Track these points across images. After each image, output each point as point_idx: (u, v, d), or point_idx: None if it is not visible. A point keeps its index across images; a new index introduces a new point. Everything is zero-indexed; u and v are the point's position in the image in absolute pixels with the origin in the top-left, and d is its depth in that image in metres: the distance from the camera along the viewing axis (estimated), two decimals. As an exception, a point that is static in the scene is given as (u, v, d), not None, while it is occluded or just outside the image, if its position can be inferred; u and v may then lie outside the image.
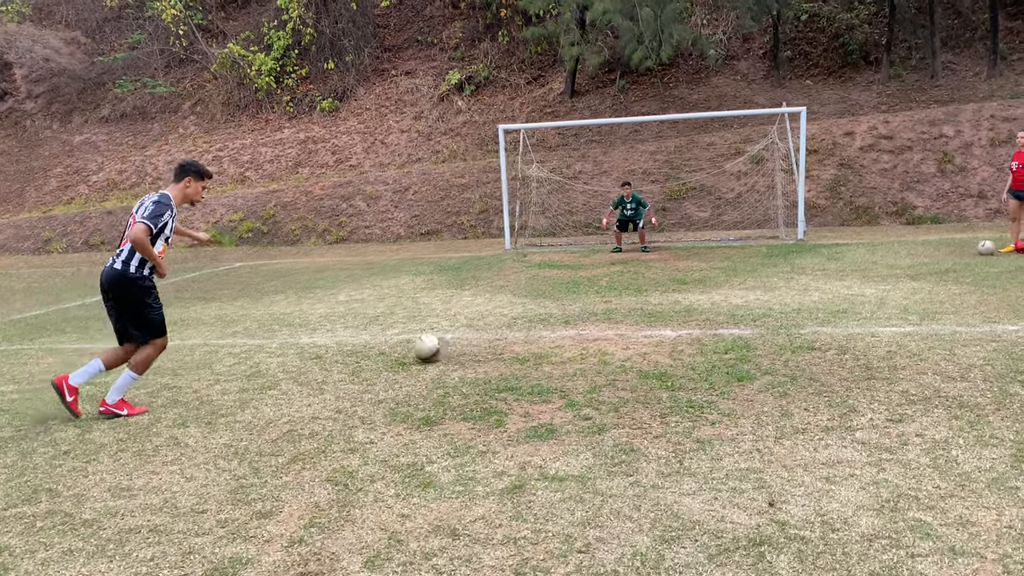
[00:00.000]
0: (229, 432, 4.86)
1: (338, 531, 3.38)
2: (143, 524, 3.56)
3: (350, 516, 3.53)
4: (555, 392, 5.39)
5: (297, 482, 3.97)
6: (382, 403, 5.31)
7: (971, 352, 5.89)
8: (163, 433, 4.92)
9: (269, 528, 3.45)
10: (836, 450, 4.05)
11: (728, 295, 9.04)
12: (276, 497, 3.79)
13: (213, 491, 3.91)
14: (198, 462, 4.35)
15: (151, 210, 5.17)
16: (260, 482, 4.00)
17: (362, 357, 6.81)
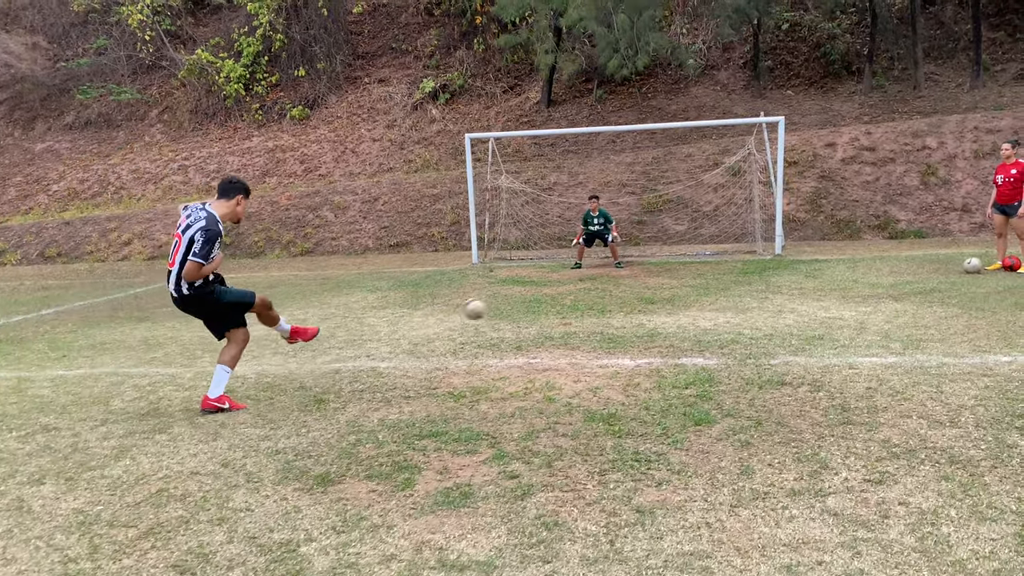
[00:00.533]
0: (88, 492, 4.08)
1: (159, 647, 2.62)
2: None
3: (183, 623, 2.77)
4: (485, 438, 4.64)
5: (136, 568, 3.20)
6: (279, 453, 4.55)
7: (961, 389, 5.20)
8: (10, 492, 4.14)
9: (73, 642, 2.68)
10: (803, 524, 3.32)
11: (697, 317, 8.33)
12: (102, 591, 3.02)
13: (29, 581, 3.14)
14: (31, 536, 3.57)
15: (201, 244, 5.16)
16: (92, 567, 3.23)
17: (278, 392, 6.04)
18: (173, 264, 5.33)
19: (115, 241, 21.83)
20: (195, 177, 25.30)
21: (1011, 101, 20.57)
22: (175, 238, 5.35)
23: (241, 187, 5.53)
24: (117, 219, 22.67)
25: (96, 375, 6.92)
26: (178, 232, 5.33)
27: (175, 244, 5.34)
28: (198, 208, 5.41)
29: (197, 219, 5.26)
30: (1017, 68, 22.43)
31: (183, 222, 5.35)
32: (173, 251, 5.35)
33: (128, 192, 25.29)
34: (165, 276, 5.49)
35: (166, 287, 5.47)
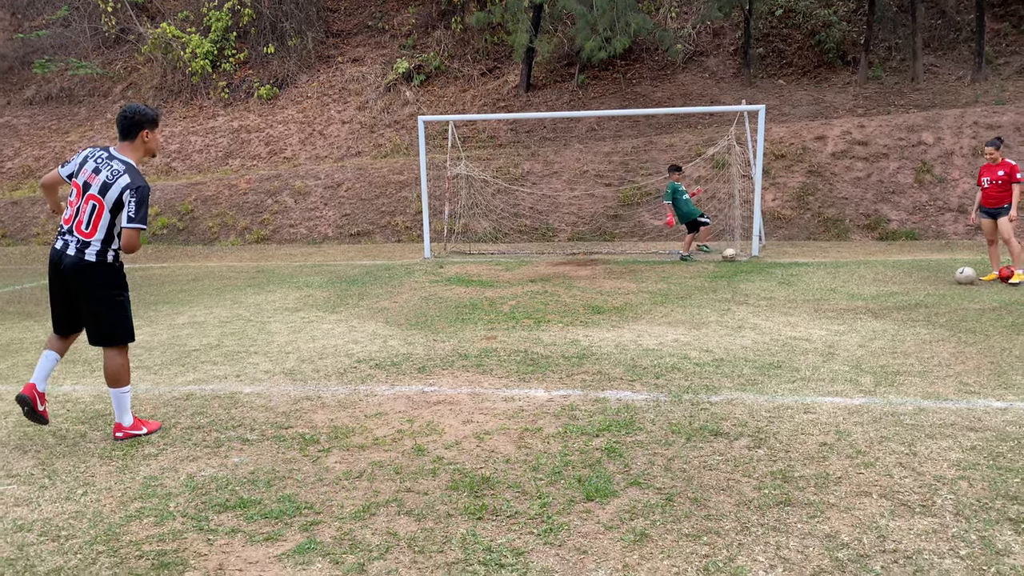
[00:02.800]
0: None
1: None
2: None
3: None
4: (304, 513, 3.49)
5: None
6: (22, 530, 3.38)
7: (939, 451, 4.05)
8: None
9: None
10: None
11: (643, 333, 7.16)
12: None
13: None
14: None
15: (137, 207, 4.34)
16: None
17: (99, 425, 4.86)
18: (91, 233, 4.38)
19: (63, 223, 20.58)
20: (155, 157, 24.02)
21: (1013, 95, 19.40)
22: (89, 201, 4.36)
23: (143, 119, 4.55)
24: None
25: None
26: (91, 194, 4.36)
27: (94, 209, 4.35)
28: (106, 158, 4.45)
29: (115, 175, 4.37)
30: (1021, 61, 21.25)
31: (94, 179, 4.38)
32: (92, 216, 4.36)
33: (84, 171, 24.02)
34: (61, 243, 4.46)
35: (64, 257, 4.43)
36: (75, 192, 4.45)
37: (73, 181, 4.48)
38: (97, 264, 4.43)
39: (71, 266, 4.40)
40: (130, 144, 4.55)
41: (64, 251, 4.42)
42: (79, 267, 4.41)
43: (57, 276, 4.49)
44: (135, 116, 4.53)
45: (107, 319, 4.53)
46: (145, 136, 4.57)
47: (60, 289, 4.53)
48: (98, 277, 4.45)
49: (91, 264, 4.41)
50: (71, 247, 4.41)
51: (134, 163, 4.53)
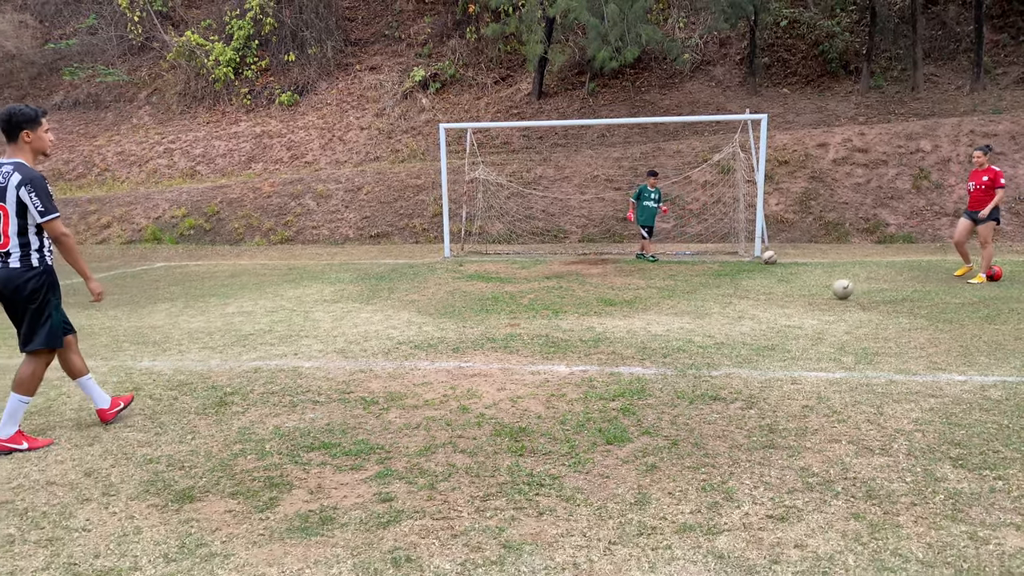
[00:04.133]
0: (-72, 502, 3.75)
1: None
2: None
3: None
4: (376, 452, 4.30)
5: (-72, 598, 2.88)
6: (152, 463, 4.21)
7: (902, 411, 4.84)
8: None
9: None
10: (681, 567, 2.97)
11: (651, 321, 7.96)
12: None
13: None
14: None
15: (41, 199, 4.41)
16: None
17: (186, 390, 5.69)
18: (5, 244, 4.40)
19: (94, 224, 21.51)
20: (180, 161, 24.96)
21: (1011, 105, 20.11)
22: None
23: (21, 119, 4.51)
24: (98, 201, 22.34)
25: (12, 367, 6.59)
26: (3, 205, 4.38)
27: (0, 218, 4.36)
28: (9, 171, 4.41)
29: (6, 178, 4.36)
30: (1019, 71, 21.96)
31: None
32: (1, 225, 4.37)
33: (112, 174, 24.96)
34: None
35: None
36: None
37: None
38: (23, 270, 4.44)
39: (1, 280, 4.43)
40: (15, 146, 4.52)
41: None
42: (8, 278, 4.42)
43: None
44: (12, 118, 4.49)
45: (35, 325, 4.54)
46: (26, 136, 4.51)
47: (5, 305, 4.55)
48: (28, 284, 4.45)
49: (17, 271, 4.43)
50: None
51: (24, 162, 4.48)
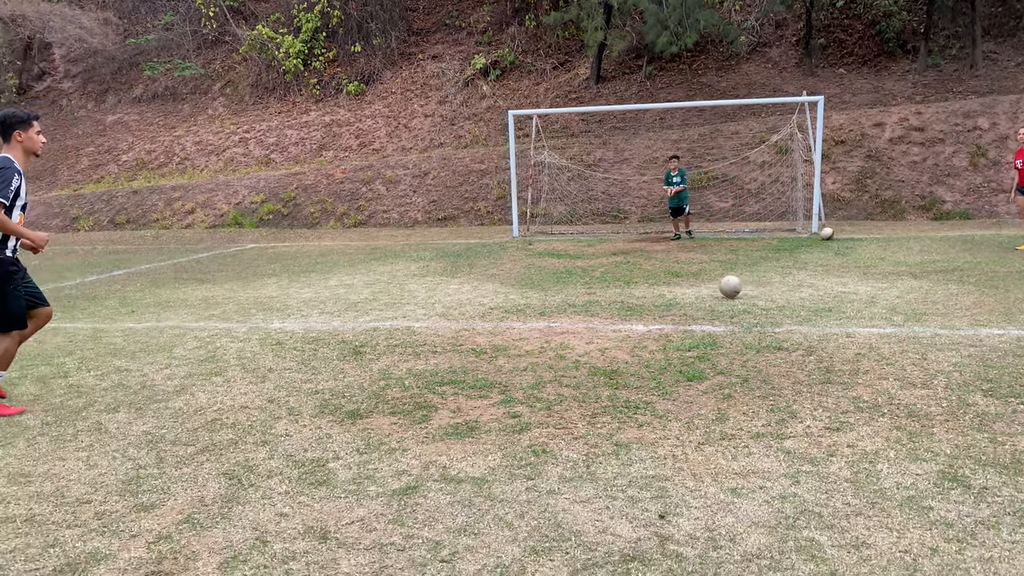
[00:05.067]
0: (154, 419, 4.80)
1: (210, 528, 3.29)
2: (22, 513, 3.50)
3: (229, 513, 3.43)
4: (496, 386, 5.23)
5: (194, 474, 3.88)
6: (316, 395, 5.21)
7: (944, 357, 5.59)
8: (91, 417, 4.88)
9: (143, 523, 3.36)
10: (756, 459, 3.83)
11: (717, 289, 8.76)
12: (166, 489, 3.71)
13: (108, 480, 3.84)
14: (109, 450, 4.29)
15: (2, 184, 4.69)
16: (158, 472, 3.92)
17: (322, 344, 6.72)
18: None
19: (179, 210, 22.95)
20: (255, 149, 26.30)
21: (1071, 81, 20.15)
22: None
23: (12, 123, 4.94)
24: (181, 188, 23.79)
25: (161, 328, 7.71)
26: None
27: None
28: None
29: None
30: (1080, 47, 21.89)
31: None
32: None
33: (192, 163, 26.42)
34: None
35: None
36: None
37: None
38: None
39: None
40: (8, 145, 4.93)
41: None
42: None
43: None
44: (6, 120, 4.91)
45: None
46: (18, 136, 4.92)
47: None
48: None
49: None
50: None
51: (10, 157, 4.86)
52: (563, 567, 2.86)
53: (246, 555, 3.04)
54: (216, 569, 2.94)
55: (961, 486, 3.46)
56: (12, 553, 3.13)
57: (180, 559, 3.03)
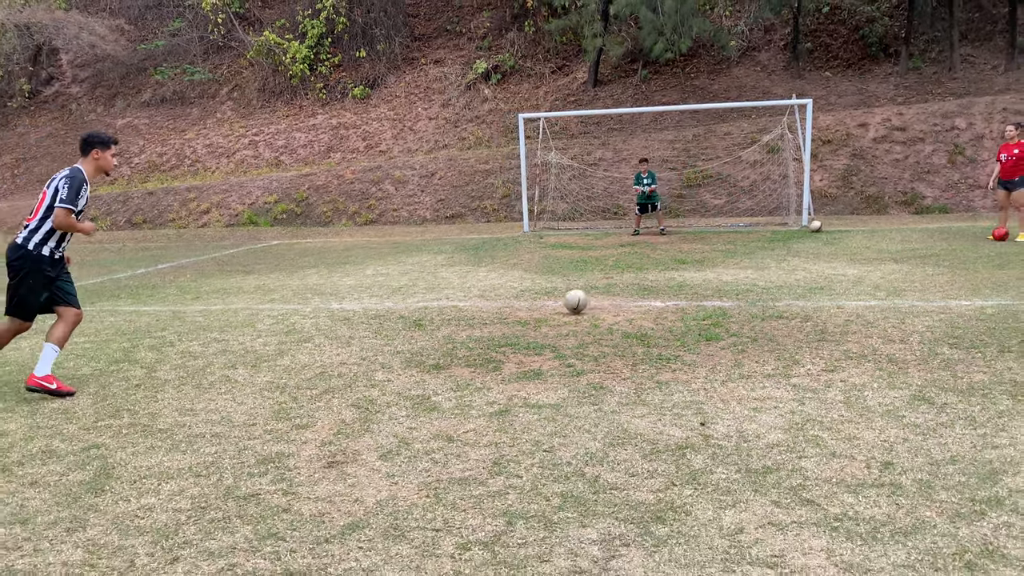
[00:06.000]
0: (271, 373, 5.82)
1: (360, 437, 4.31)
2: (206, 432, 4.52)
3: (369, 428, 4.46)
4: (547, 347, 6.27)
5: (328, 406, 4.91)
6: (399, 354, 6.24)
7: (919, 321, 6.68)
8: (216, 373, 5.89)
9: (306, 435, 4.39)
10: (770, 390, 4.89)
11: (721, 273, 9.84)
12: (311, 415, 4.73)
13: (260, 411, 4.86)
14: (247, 393, 5.30)
15: (67, 191, 5.20)
16: (298, 406, 4.95)
17: (385, 320, 7.74)
18: (32, 218, 5.30)
19: (195, 210, 23.87)
20: (265, 152, 27.24)
21: (1043, 83, 21.39)
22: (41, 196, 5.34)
23: (93, 142, 5.45)
24: (196, 189, 24.71)
25: (233, 309, 8.71)
26: (45, 191, 5.32)
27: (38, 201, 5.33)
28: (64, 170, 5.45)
29: (60, 174, 5.35)
30: (1053, 51, 23.13)
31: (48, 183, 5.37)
32: (36, 205, 5.33)
33: (203, 165, 27.34)
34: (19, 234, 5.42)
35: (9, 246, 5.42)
36: None
37: None
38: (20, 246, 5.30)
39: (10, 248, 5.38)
40: (84, 159, 5.43)
41: None
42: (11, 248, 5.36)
43: None
44: (90, 138, 5.47)
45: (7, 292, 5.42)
46: (95, 154, 5.44)
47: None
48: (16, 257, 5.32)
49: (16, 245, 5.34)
50: None
51: (83, 168, 5.37)
52: (636, 453, 3.91)
53: (396, 450, 4.08)
54: (379, 459, 3.97)
55: (927, 403, 4.53)
56: (217, 454, 4.15)
57: (348, 453, 4.06)
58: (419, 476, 3.75)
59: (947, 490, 3.38)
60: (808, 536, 3.02)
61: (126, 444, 4.36)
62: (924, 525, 3.08)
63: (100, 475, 3.91)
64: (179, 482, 3.79)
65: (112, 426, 4.70)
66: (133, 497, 3.62)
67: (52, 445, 4.38)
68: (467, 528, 3.18)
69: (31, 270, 5.28)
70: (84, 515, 3.45)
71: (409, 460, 3.95)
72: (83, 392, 5.48)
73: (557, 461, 3.85)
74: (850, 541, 2.97)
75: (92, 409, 5.06)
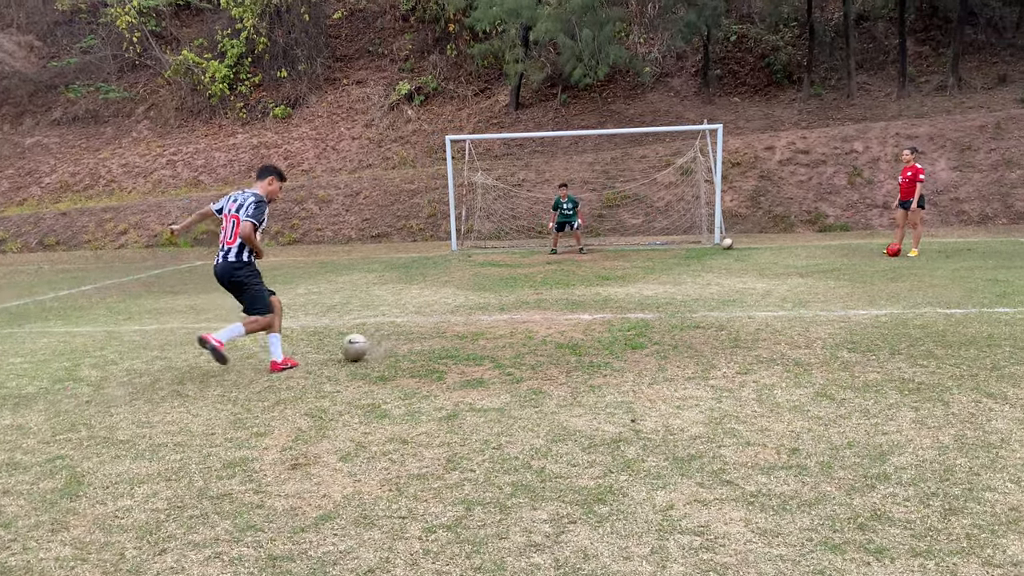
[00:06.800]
0: (220, 387, 6.03)
1: (318, 443, 4.61)
2: (168, 441, 4.73)
3: (326, 435, 4.75)
4: (486, 358, 6.67)
5: (282, 416, 5.18)
6: (344, 367, 6.53)
7: (821, 329, 7.35)
8: (166, 388, 6.06)
9: (265, 442, 4.65)
10: (691, 390, 5.41)
11: (642, 288, 10.44)
12: (267, 424, 5.00)
13: (217, 422, 5.09)
14: (200, 406, 5.51)
15: (254, 209, 6.20)
16: (252, 417, 5.19)
17: (323, 336, 7.99)
18: (233, 241, 6.26)
19: (111, 231, 23.36)
20: (183, 171, 26.86)
21: (931, 110, 23.10)
22: (231, 219, 6.26)
23: (273, 170, 6.54)
24: (112, 210, 24.19)
25: (169, 329, 8.80)
26: (232, 214, 6.26)
27: (232, 225, 6.25)
28: (241, 192, 6.44)
29: (246, 198, 6.31)
30: (939, 80, 25.00)
31: (231, 206, 6.33)
32: (233, 229, 6.25)
33: (119, 185, 26.76)
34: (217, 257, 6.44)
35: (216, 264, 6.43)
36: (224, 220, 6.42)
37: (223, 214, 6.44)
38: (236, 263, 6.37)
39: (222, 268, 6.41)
40: (260, 183, 6.53)
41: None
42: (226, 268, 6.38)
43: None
44: (272, 168, 6.60)
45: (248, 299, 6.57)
46: (270, 183, 6.51)
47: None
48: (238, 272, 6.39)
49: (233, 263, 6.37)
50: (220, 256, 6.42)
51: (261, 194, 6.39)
52: (575, 447, 4.34)
53: (355, 452, 4.39)
54: (339, 460, 4.28)
55: (828, 399, 5.12)
56: (182, 461, 4.38)
57: (309, 457, 4.36)
58: (380, 474, 4.08)
59: (844, 469, 3.92)
60: (729, 510, 3.50)
61: (90, 455, 4.54)
62: (825, 497, 3.59)
63: (71, 482, 4.10)
64: (151, 486, 4.01)
65: (71, 439, 4.85)
66: (109, 500, 3.84)
67: (15, 458, 4.52)
68: (430, 515, 3.54)
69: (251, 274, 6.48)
70: (64, 517, 3.65)
71: (368, 461, 4.27)
72: (32, 409, 5.59)
73: (506, 456, 4.24)
74: (764, 512, 3.46)
75: (47, 425, 5.19)
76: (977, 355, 6.14)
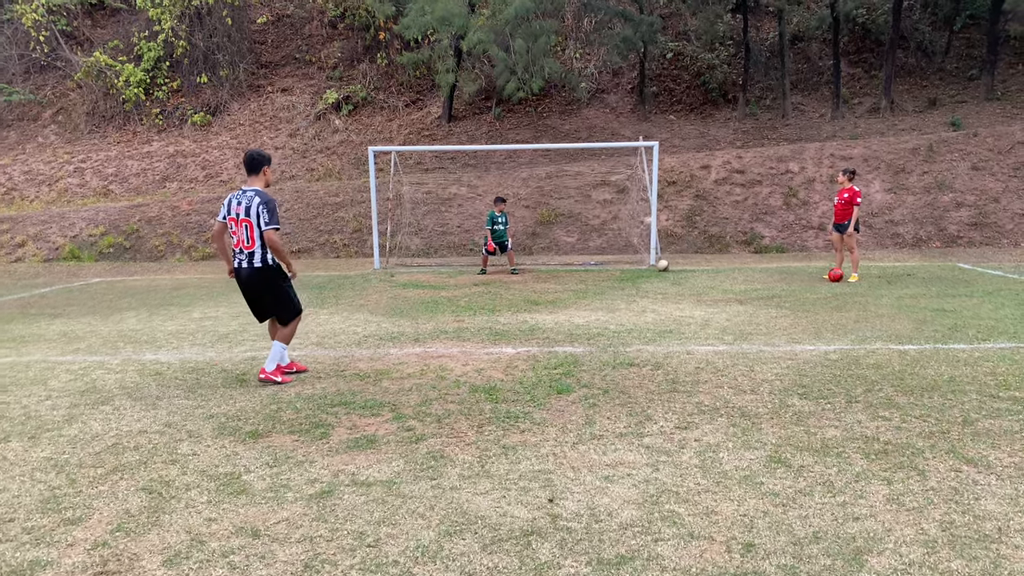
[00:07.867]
0: (52, 446, 4.90)
1: (143, 535, 3.56)
2: (-55, 534, 3.62)
3: (158, 521, 3.70)
4: (386, 406, 5.68)
5: (112, 491, 4.10)
6: (213, 418, 5.45)
7: (767, 369, 6.58)
8: (-19, 448, 4.90)
9: (75, 533, 3.58)
10: (622, 453, 4.52)
11: (573, 315, 9.58)
12: (87, 505, 3.91)
13: (24, 501, 3.99)
14: (14, 475, 4.39)
15: (269, 215, 6.09)
16: (74, 492, 4.10)
17: (203, 374, 6.88)
18: (252, 246, 6.13)
19: (7, 243, 21.53)
20: (92, 180, 25.12)
21: (864, 132, 23.02)
22: (242, 224, 6.09)
23: (263, 159, 6.27)
24: (9, 220, 22.34)
25: (26, 362, 7.55)
26: (242, 218, 6.09)
27: (245, 229, 6.09)
28: (241, 193, 6.16)
29: (251, 199, 6.07)
30: (871, 102, 25.02)
31: (237, 209, 6.12)
32: (247, 234, 6.10)
33: (20, 193, 24.87)
34: (237, 261, 6.31)
35: (241, 270, 6.27)
36: (232, 224, 6.23)
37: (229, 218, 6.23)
38: (262, 268, 6.21)
39: (247, 273, 6.26)
40: (255, 177, 6.25)
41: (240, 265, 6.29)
42: (252, 273, 6.24)
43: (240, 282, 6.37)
44: (261, 156, 6.27)
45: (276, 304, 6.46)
46: (265, 171, 6.32)
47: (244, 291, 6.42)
48: (264, 276, 6.26)
49: (258, 268, 6.22)
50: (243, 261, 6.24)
51: (261, 189, 6.17)
52: (474, 544, 3.39)
53: (186, 552, 3.36)
54: (161, 565, 3.24)
55: (784, 466, 4.29)
56: (-50, 567, 3.28)
57: (123, 560, 3.30)
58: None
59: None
60: (668, 648, 2.59)
61: None
62: (792, 624, 2.72)
63: None
64: None
65: None
66: None
67: None
68: (260, 665, 2.55)
69: (277, 274, 6.44)
70: None
71: (200, 567, 3.25)
72: None
73: (382, 560, 3.27)
74: (714, 653, 2.57)
75: None
76: (943, 404, 5.42)
